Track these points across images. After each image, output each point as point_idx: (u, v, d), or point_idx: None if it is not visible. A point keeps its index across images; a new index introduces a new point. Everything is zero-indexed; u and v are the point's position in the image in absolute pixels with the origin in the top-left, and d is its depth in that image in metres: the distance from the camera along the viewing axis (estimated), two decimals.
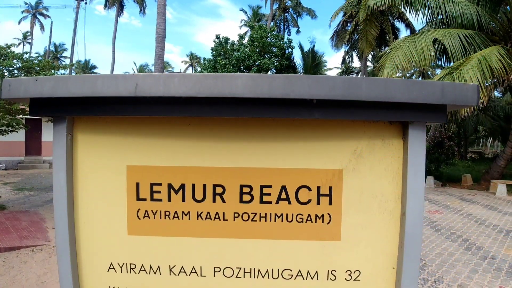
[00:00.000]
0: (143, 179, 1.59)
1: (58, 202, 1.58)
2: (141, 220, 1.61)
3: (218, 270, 1.63)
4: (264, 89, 1.32)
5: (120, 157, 1.59)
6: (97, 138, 1.60)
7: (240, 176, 1.57)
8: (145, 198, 1.60)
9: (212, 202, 1.59)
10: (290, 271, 1.61)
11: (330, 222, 1.58)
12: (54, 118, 1.58)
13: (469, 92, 1.43)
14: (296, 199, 1.58)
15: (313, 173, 1.56)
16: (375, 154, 1.57)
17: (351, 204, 1.58)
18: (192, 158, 1.57)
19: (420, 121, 1.51)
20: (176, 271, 1.63)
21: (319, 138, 1.56)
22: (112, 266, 1.65)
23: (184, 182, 1.58)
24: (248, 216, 1.59)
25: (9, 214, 10.61)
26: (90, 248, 1.65)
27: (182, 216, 1.60)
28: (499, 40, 16.89)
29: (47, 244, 8.06)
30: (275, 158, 1.56)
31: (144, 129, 1.58)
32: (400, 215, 1.57)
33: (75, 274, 1.64)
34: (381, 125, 1.56)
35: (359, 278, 1.61)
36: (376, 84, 1.36)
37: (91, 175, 1.61)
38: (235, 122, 1.56)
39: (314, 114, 1.42)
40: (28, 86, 1.45)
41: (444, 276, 6.63)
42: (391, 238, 1.58)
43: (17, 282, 6.08)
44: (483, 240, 9.13)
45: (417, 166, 1.53)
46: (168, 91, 1.34)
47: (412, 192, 1.53)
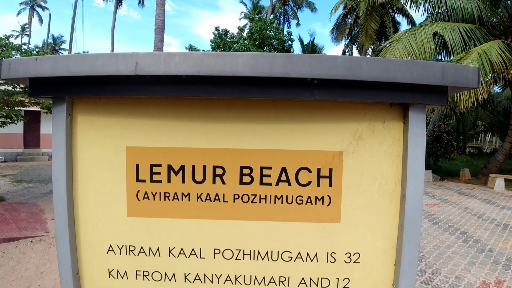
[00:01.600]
0: (143, 160, 1.59)
1: (57, 183, 1.57)
2: (140, 201, 1.61)
3: (217, 252, 1.63)
4: (265, 68, 1.32)
5: (120, 138, 1.59)
6: (97, 119, 1.59)
7: (240, 157, 1.57)
8: (145, 180, 1.60)
9: (212, 184, 1.59)
10: (290, 253, 1.62)
11: (330, 204, 1.58)
12: (54, 99, 1.57)
13: (470, 74, 1.43)
14: (296, 181, 1.58)
15: (313, 155, 1.56)
16: (376, 137, 1.56)
17: (351, 186, 1.58)
18: (192, 139, 1.57)
19: (420, 103, 1.51)
20: (175, 253, 1.63)
21: (319, 120, 1.55)
22: (111, 248, 1.65)
23: (184, 163, 1.58)
24: (248, 197, 1.59)
25: (8, 206, 10.61)
26: (89, 230, 1.65)
27: (182, 197, 1.60)
28: (500, 34, 16.85)
29: (46, 235, 8.07)
30: (275, 139, 1.56)
31: (144, 110, 1.57)
32: (400, 197, 1.57)
33: (74, 256, 1.63)
34: (381, 107, 1.56)
35: (359, 260, 1.61)
36: (377, 64, 1.36)
37: (90, 157, 1.61)
38: (235, 103, 1.55)
39: (315, 94, 1.41)
40: (27, 66, 1.44)
41: (441, 268, 6.66)
42: (391, 221, 1.58)
43: (16, 273, 6.09)
44: (480, 233, 9.16)
45: (417, 148, 1.53)
46: (169, 70, 1.33)
47: (412, 175, 1.53)
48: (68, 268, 1.62)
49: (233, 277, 1.64)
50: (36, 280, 5.83)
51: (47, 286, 5.61)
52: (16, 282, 5.70)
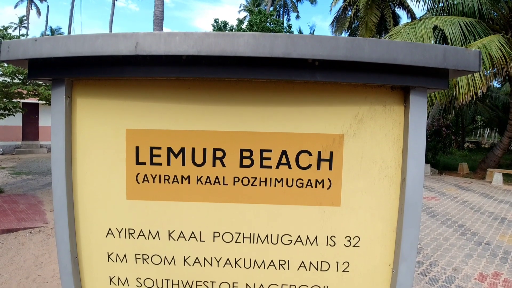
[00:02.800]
0: (143, 142, 1.58)
1: (56, 166, 1.56)
2: (140, 184, 1.60)
3: (217, 235, 1.63)
4: (266, 48, 1.31)
5: (119, 120, 1.58)
6: (96, 102, 1.58)
7: (241, 140, 1.56)
8: (145, 162, 1.59)
9: (212, 166, 1.58)
10: (290, 236, 1.62)
11: (330, 188, 1.58)
12: (53, 81, 1.56)
13: (471, 57, 1.42)
14: (296, 164, 1.57)
15: (313, 138, 1.56)
16: (376, 120, 1.56)
17: (352, 170, 1.57)
18: (192, 122, 1.56)
19: (421, 86, 1.50)
20: (175, 236, 1.63)
21: (320, 102, 1.55)
22: (110, 231, 1.65)
23: (184, 146, 1.57)
24: (248, 180, 1.59)
25: (6, 197, 10.60)
26: (88, 214, 1.64)
27: (181, 180, 1.59)
28: (500, 29, 16.81)
29: (45, 226, 8.07)
30: (276, 122, 1.55)
31: (144, 92, 1.56)
32: (400, 181, 1.57)
33: (73, 240, 1.63)
34: (382, 91, 1.55)
35: (359, 244, 1.61)
36: (379, 45, 1.35)
37: (89, 139, 1.60)
38: (236, 86, 1.54)
39: (316, 76, 1.40)
40: (27, 47, 1.43)
41: (439, 260, 6.70)
42: (391, 204, 1.58)
43: (15, 263, 6.10)
44: (478, 226, 9.20)
45: (418, 132, 1.52)
46: (169, 49, 1.32)
47: (413, 158, 1.52)
48: (67, 252, 1.61)
49: (233, 261, 1.64)
50: (35, 270, 5.84)
51: (46, 276, 5.62)
52: (15, 273, 5.71)
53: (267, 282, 1.65)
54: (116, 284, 1.69)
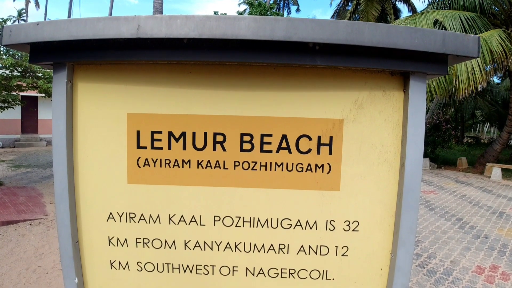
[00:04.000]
0: (144, 127, 1.59)
1: (57, 150, 1.57)
2: (141, 168, 1.61)
3: (217, 219, 1.64)
4: (267, 31, 1.31)
5: (121, 105, 1.59)
6: (97, 86, 1.59)
7: (241, 124, 1.57)
8: (145, 146, 1.60)
9: (212, 151, 1.59)
10: (289, 220, 1.63)
11: (329, 172, 1.59)
12: (54, 66, 1.56)
13: (470, 43, 1.43)
14: (296, 148, 1.58)
15: (313, 123, 1.57)
16: (376, 105, 1.57)
17: (351, 154, 1.58)
18: (193, 106, 1.57)
19: (421, 71, 1.51)
20: (175, 220, 1.65)
21: (320, 87, 1.55)
22: (111, 215, 1.66)
23: (184, 130, 1.58)
24: (249, 165, 1.60)
25: (6, 190, 10.61)
26: (89, 198, 1.65)
27: (182, 164, 1.60)
28: (500, 24, 16.77)
29: (45, 218, 8.10)
30: (276, 107, 1.56)
31: (145, 77, 1.57)
32: (399, 166, 1.58)
33: (74, 224, 1.64)
34: (382, 76, 1.56)
35: (358, 228, 1.63)
36: (379, 29, 1.36)
37: (90, 124, 1.60)
38: (237, 70, 1.55)
39: (316, 60, 1.41)
40: (28, 31, 1.43)
41: (437, 252, 6.74)
42: (390, 189, 1.60)
43: (15, 254, 6.13)
44: (476, 220, 9.24)
45: (417, 117, 1.53)
46: (171, 32, 1.33)
47: (412, 143, 1.53)
48: (68, 236, 1.62)
49: (233, 244, 1.66)
50: (35, 261, 5.87)
51: (46, 267, 5.65)
52: (15, 264, 5.73)
53: (267, 266, 1.67)
54: (117, 268, 1.70)
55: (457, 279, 5.61)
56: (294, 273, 1.67)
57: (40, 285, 5.08)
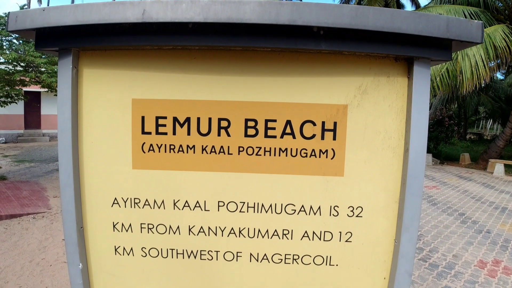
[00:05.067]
0: (148, 112, 1.60)
1: (62, 136, 1.58)
2: (146, 154, 1.62)
3: (222, 205, 1.65)
4: (271, 15, 1.31)
5: (126, 90, 1.59)
6: (102, 72, 1.60)
7: (246, 110, 1.58)
8: (150, 132, 1.61)
9: (217, 136, 1.60)
10: (293, 206, 1.64)
11: (334, 158, 1.60)
12: (60, 52, 1.57)
13: (474, 29, 1.43)
14: (300, 133, 1.59)
15: (318, 108, 1.57)
16: (380, 91, 1.57)
17: (355, 140, 1.59)
18: (198, 92, 1.57)
19: (425, 57, 1.51)
20: (180, 206, 1.66)
21: (324, 73, 1.56)
22: (116, 201, 1.67)
23: (189, 115, 1.59)
24: (253, 150, 1.60)
25: (10, 184, 10.66)
26: (94, 183, 1.66)
27: (187, 149, 1.61)
28: (504, 19, 16.68)
29: (49, 212, 8.13)
30: (280, 92, 1.57)
31: (150, 62, 1.57)
32: (403, 151, 1.58)
33: (79, 210, 1.65)
34: (386, 62, 1.56)
35: (361, 214, 1.63)
36: (383, 13, 1.36)
37: (96, 109, 1.61)
38: (241, 56, 1.55)
39: (321, 45, 1.41)
40: (34, 16, 1.44)
41: (439, 246, 6.74)
42: (394, 175, 1.60)
43: (18, 247, 6.16)
44: (478, 215, 9.23)
45: (421, 103, 1.54)
46: (176, 17, 1.33)
47: (416, 129, 1.54)
48: (73, 222, 1.64)
49: (237, 230, 1.67)
50: (39, 254, 5.90)
51: (50, 260, 5.68)
52: (19, 257, 5.77)
53: (271, 252, 1.68)
54: (121, 254, 1.71)
55: (459, 273, 5.61)
56: (298, 258, 1.68)
57: (43, 277, 5.11)
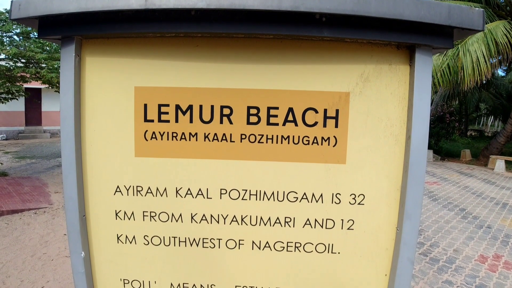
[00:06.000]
0: (151, 100, 1.60)
1: (65, 124, 1.59)
2: (148, 141, 1.63)
3: (224, 192, 1.65)
4: (274, 2, 1.31)
5: (128, 78, 1.59)
6: (105, 60, 1.60)
7: (248, 97, 1.58)
8: (153, 120, 1.61)
9: (219, 124, 1.60)
10: (295, 193, 1.64)
11: (336, 145, 1.60)
12: (62, 40, 1.57)
13: (475, 16, 1.43)
14: (303, 121, 1.59)
15: (320, 96, 1.57)
16: (382, 79, 1.57)
17: (357, 128, 1.59)
18: (200, 79, 1.58)
19: (427, 44, 1.51)
20: (182, 193, 1.66)
21: (327, 60, 1.56)
22: (118, 189, 1.68)
23: (191, 103, 1.59)
24: (255, 137, 1.61)
25: (11, 180, 10.69)
26: (97, 171, 1.67)
27: (189, 137, 1.62)
28: (506, 15, 16.63)
29: (50, 207, 8.16)
30: (283, 79, 1.57)
31: (152, 50, 1.58)
32: (405, 139, 1.58)
33: (81, 198, 1.66)
34: (388, 50, 1.56)
35: (363, 202, 1.64)
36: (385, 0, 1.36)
37: (98, 97, 1.62)
38: (243, 44, 1.55)
39: (323, 32, 1.41)
40: (38, 4, 1.44)
41: (440, 241, 6.75)
42: (396, 162, 1.61)
43: (20, 242, 6.19)
44: (479, 210, 9.24)
45: (423, 91, 1.54)
46: (179, 3, 1.33)
47: (418, 117, 1.54)
48: (75, 211, 1.64)
49: (239, 218, 1.67)
50: (40, 249, 5.93)
51: (52, 254, 5.71)
52: (20, 251, 5.79)
53: (273, 240, 1.69)
54: (124, 242, 1.72)
55: (460, 267, 5.63)
56: (300, 246, 1.69)
57: (45, 271, 5.13)
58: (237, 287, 1.74)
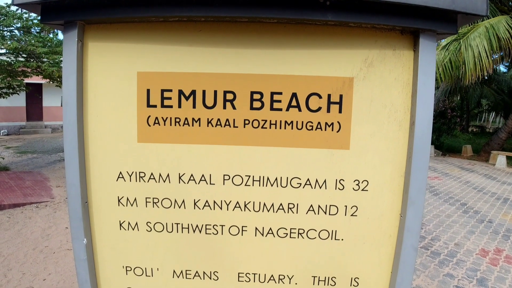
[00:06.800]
0: (154, 85, 1.59)
1: (67, 110, 1.58)
2: (151, 127, 1.62)
3: (227, 178, 1.65)
4: None
5: (131, 63, 1.58)
6: (107, 45, 1.59)
7: (251, 82, 1.57)
8: (156, 105, 1.60)
9: (222, 109, 1.59)
10: (299, 179, 1.64)
11: (339, 131, 1.59)
12: (65, 25, 1.56)
13: (479, 1, 1.42)
14: (306, 106, 1.58)
15: (324, 81, 1.56)
16: (386, 64, 1.56)
17: (361, 113, 1.58)
18: (203, 64, 1.57)
19: (431, 29, 1.49)
20: (185, 179, 1.66)
21: (330, 45, 1.55)
22: (121, 175, 1.67)
23: (194, 88, 1.58)
24: (258, 123, 1.60)
25: (12, 175, 10.70)
26: (99, 157, 1.66)
27: (192, 123, 1.61)
28: (508, 10, 16.57)
29: (52, 201, 8.18)
30: (286, 65, 1.56)
31: (155, 35, 1.56)
32: (409, 125, 1.58)
33: (83, 184, 1.65)
34: (392, 35, 1.55)
35: (367, 188, 1.63)
36: None
37: (101, 83, 1.61)
38: (247, 28, 1.54)
39: (327, 15, 1.40)
40: None
41: (441, 235, 6.76)
42: (400, 148, 1.60)
43: (22, 235, 6.20)
44: (480, 205, 9.25)
45: (427, 77, 1.53)
46: None
47: (422, 103, 1.53)
48: (77, 197, 1.63)
49: (242, 204, 1.67)
50: (42, 242, 5.94)
51: (53, 247, 5.72)
52: (22, 244, 5.81)
53: (276, 226, 1.68)
54: (126, 229, 1.72)
55: (461, 261, 5.63)
56: (303, 233, 1.68)
57: (47, 264, 5.15)
58: (240, 273, 1.74)
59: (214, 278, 1.75)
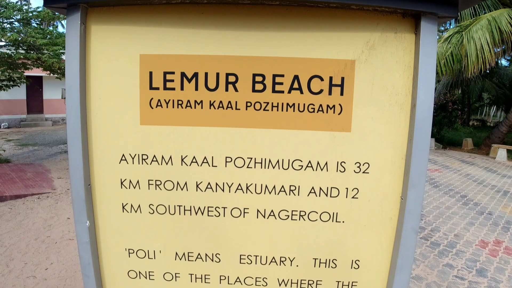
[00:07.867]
0: (156, 67, 1.60)
1: (70, 92, 1.59)
2: (153, 109, 1.63)
3: (229, 160, 1.66)
4: None
5: (133, 46, 1.59)
6: (110, 28, 1.59)
7: (253, 65, 1.58)
8: (158, 87, 1.61)
9: (224, 91, 1.60)
10: (301, 161, 1.65)
11: (341, 113, 1.60)
12: (68, 8, 1.56)
13: None
14: (308, 88, 1.59)
15: (325, 63, 1.57)
16: (387, 47, 1.57)
17: (362, 96, 1.59)
18: (205, 47, 1.57)
19: (432, 12, 1.50)
20: (187, 161, 1.67)
21: (332, 28, 1.55)
22: (124, 157, 1.68)
23: (197, 70, 1.59)
24: (261, 105, 1.61)
25: (14, 167, 10.71)
26: (102, 140, 1.67)
27: (194, 105, 1.62)
28: (510, 3, 16.48)
29: (53, 192, 8.19)
30: (288, 47, 1.56)
31: (158, 18, 1.57)
32: (410, 107, 1.58)
33: (86, 167, 1.66)
34: (394, 18, 1.56)
35: (368, 170, 1.64)
36: None
37: (104, 65, 1.61)
38: (249, 11, 1.55)
39: None
40: None
41: (441, 226, 6.78)
42: (401, 131, 1.61)
43: (24, 226, 6.22)
44: (480, 197, 9.25)
45: (429, 60, 1.53)
46: None
47: (423, 85, 1.54)
48: (80, 180, 1.65)
49: (244, 186, 1.68)
50: (44, 232, 5.96)
51: (55, 237, 5.74)
52: (24, 235, 5.83)
53: (278, 208, 1.70)
54: (129, 211, 1.73)
55: (461, 251, 5.66)
56: (304, 215, 1.70)
57: (49, 254, 5.17)
58: (241, 255, 1.76)
59: (216, 260, 1.77)
